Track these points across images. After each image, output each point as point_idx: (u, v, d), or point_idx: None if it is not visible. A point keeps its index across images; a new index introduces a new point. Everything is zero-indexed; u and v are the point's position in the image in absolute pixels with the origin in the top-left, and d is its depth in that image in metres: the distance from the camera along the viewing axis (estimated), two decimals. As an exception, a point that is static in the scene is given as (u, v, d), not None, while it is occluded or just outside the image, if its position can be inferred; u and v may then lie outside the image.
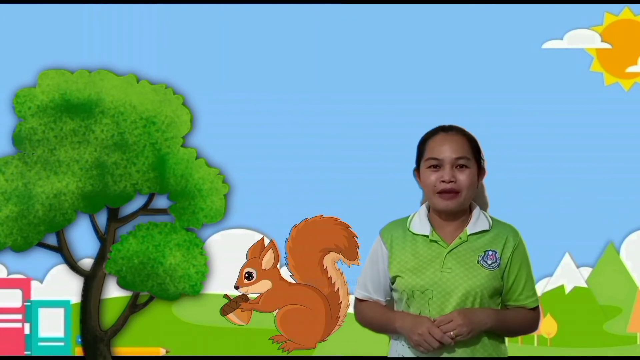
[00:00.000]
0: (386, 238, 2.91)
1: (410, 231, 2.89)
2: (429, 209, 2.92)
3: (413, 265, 2.84)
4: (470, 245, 2.84)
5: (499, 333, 2.86)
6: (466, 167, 2.84)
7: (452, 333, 2.73)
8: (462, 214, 2.88)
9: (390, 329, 2.87)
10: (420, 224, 2.89)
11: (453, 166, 2.84)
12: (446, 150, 2.85)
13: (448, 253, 2.83)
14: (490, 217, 2.92)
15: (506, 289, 2.86)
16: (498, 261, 2.84)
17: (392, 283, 2.90)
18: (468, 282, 2.80)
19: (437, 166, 2.85)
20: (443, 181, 2.83)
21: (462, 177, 2.83)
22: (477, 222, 2.87)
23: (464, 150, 2.85)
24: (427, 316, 2.79)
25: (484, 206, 2.96)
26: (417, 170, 2.92)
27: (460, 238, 2.84)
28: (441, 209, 2.85)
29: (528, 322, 2.91)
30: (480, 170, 2.90)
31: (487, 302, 2.82)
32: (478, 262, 2.82)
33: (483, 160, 2.91)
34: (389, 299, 2.95)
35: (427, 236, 2.86)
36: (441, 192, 2.83)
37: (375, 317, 2.95)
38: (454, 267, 2.81)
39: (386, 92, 4.88)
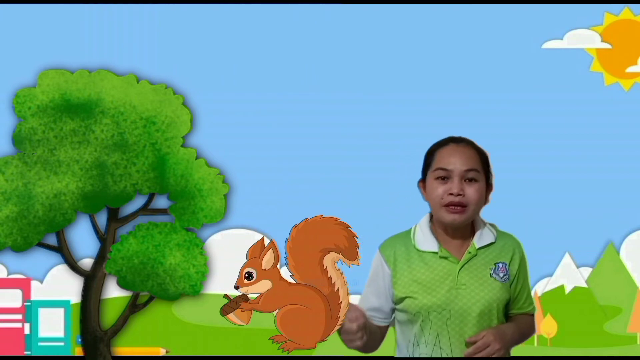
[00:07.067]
0: (387, 255, 2.79)
1: (415, 248, 2.78)
2: (431, 222, 2.81)
3: (425, 284, 2.73)
4: (479, 259, 2.75)
5: (516, 344, 2.82)
6: (475, 180, 2.73)
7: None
8: (467, 227, 2.78)
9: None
10: (425, 240, 2.77)
11: (462, 179, 2.72)
12: (456, 161, 2.72)
13: (460, 269, 2.73)
14: (492, 226, 2.83)
15: (512, 298, 2.81)
16: (508, 273, 2.76)
17: (398, 303, 2.78)
18: (485, 297, 2.71)
19: (445, 178, 2.73)
20: (451, 194, 2.71)
21: (471, 191, 2.72)
22: (483, 234, 2.78)
23: (474, 162, 2.74)
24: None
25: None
26: (422, 181, 2.81)
27: (469, 252, 2.75)
28: (448, 222, 2.74)
29: (532, 328, 2.90)
30: (488, 186, 2.79)
31: (501, 315, 2.76)
32: (490, 276, 2.74)
33: (492, 175, 2.80)
34: (388, 321, 2.83)
35: (436, 252, 2.75)
36: (448, 205, 2.72)
37: None
38: (468, 283, 2.71)
39: (386, 92, 4.87)
